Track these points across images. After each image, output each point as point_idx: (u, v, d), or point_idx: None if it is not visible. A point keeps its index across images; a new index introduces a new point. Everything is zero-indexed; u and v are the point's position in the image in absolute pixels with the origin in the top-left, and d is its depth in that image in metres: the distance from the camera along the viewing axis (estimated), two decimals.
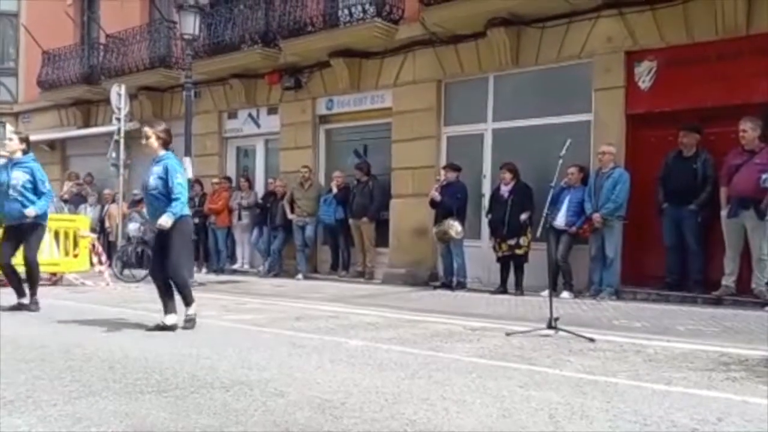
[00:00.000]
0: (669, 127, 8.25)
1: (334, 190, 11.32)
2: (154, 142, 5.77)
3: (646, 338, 5.26)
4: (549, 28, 9.35)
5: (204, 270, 12.53)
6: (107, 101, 13.37)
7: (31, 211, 6.71)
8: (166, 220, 5.47)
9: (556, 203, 8.11)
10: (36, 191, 6.85)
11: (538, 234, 6.08)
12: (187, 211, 5.72)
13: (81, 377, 3.67)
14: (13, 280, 6.97)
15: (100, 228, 13.63)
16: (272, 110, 13.03)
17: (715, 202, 7.75)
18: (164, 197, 5.59)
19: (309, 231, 11.53)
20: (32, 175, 6.88)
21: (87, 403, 3.14)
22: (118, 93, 12.44)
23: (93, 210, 14.12)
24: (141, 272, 11.09)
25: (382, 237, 11.07)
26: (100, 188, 15.00)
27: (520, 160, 9.15)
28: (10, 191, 6.75)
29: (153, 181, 5.64)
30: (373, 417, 2.97)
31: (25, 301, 6.89)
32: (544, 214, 5.87)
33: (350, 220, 11.09)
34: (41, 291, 8.78)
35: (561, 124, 9.13)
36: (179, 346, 4.73)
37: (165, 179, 5.58)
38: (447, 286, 9.49)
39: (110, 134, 12.40)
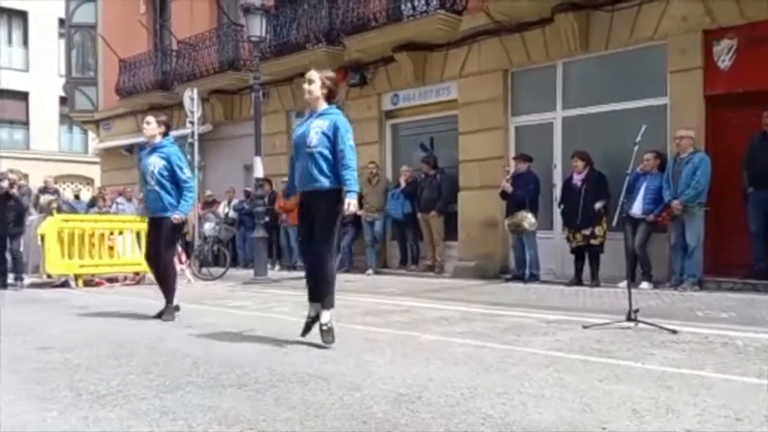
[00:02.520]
0: (752, 108, 7.84)
1: (402, 184, 11.33)
2: (316, 90, 4.67)
3: (733, 329, 5.03)
4: (620, 11, 9.04)
5: (276, 267, 12.79)
6: (180, 105, 13.84)
7: (177, 218, 6.13)
8: (353, 199, 4.46)
9: (632, 191, 7.87)
10: (175, 179, 6.20)
11: (614, 223, 5.88)
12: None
13: (167, 372, 3.82)
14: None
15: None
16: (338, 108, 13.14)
17: None
18: (332, 157, 4.52)
19: (378, 226, 11.59)
20: (168, 160, 6.19)
21: (173, 397, 3.26)
22: (190, 97, 12.85)
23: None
24: (218, 270, 11.47)
25: (451, 230, 11.01)
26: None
27: (592, 148, 8.91)
28: (148, 179, 6.20)
29: (316, 137, 4.54)
30: (449, 411, 2.96)
31: (175, 302, 6.35)
32: (620, 203, 5.67)
33: (418, 214, 11.08)
34: (126, 289, 9.19)
35: (634, 109, 8.84)
36: (258, 342, 4.85)
37: (331, 139, 4.55)
38: (519, 278, 9.35)
39: (185, 137, 12.80)
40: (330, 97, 4.69)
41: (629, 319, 5.17)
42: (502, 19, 10.08)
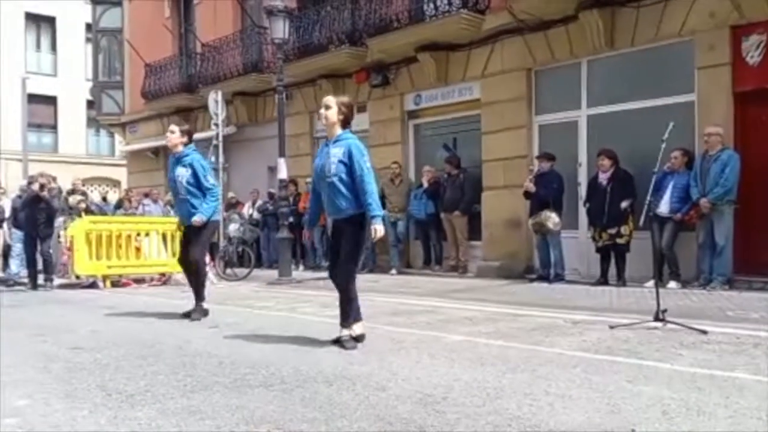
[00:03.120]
0: None
1: (425, 184, 11.31)
2: (333, 116, 4.73)
3: (765, 330, 4.94)
4: (645, 7, 8.93)
5: (301, 267, 12.85)
6: (205, 108, 13.97)
7: (197, 220, 6.25)
8: (378, 225, 4.57)
9: (659, 189, 7.76)
10: (201, 187, 6.35)
11: (641, 222, 5.80)
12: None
13: (193, 372, 3.86)
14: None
15: None
16: (361, 108, 13.14)
17: None
18: (351, 181, 4.60)
19: (401, 226, 11.59)
20: (192, 168, 6.34)
21: (200, 396, 3.29)
22: (215, 99, 12.97)
23: None
24: (243, 270, 11.56)
25: (474, 230, 10.97)
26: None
27: (618, 146, 8.81)
28: (179, 189, 6.36)
29: (334, 166, 4.62)
30: (475, 411, 2.95)
31: (204, 305, 6.42)
32: (647, 201, 5.60)
33: (442, 214, 11.06)
34: (152, 290, 9.30)
35: (661, 107, 8.73)
36: (283, 342, 4.87)
37: (348, 165, 4.62)
38: (544, 278, 9.27)
39: (209, 139, 12.92)
40: (346, 123, 4.79)
41: (657, 319, 5.10)
42: (525, 18, 10.00)
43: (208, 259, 11.15)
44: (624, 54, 9.33)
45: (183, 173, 6.34)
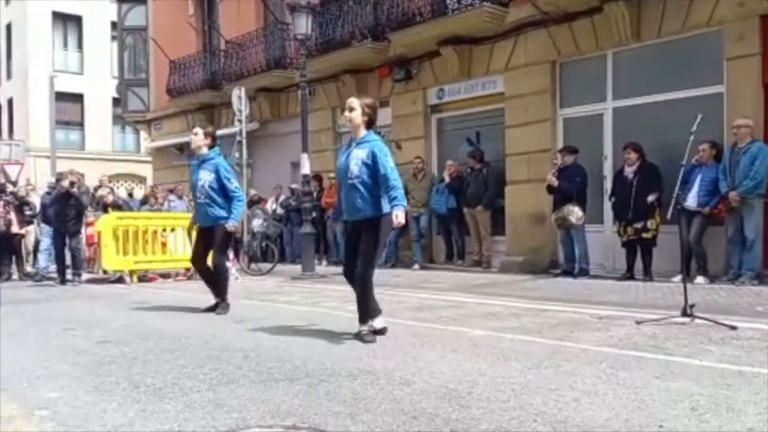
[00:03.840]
0: None
1: (447, 179, 11.28)
2: (357, 117, 4.77)
3: None
4: None
5: (324, 262, 12.90)
6: (229, 104, 14.06)
7: (231, 226, 6.31)
8: (400, 211, 4.57)
9: (686, 183, 7.64)
10: (224, 190, 6.36)
11: (668, 216, 5.71)
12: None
13: (220, 366, 3.89)
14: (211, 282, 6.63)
15: None
16: (384, 103, 13.11)
17: None
18: (372, 184, 4.64)
19: (423, 221, 11.56)
20: (217, 172, 6.34)
21: (227, 390, 3.32)
22: (238, 96, 13.04)
23: None
24: (267, 265, 11.64)
25: (497, 225, 10.91)
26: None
27: (644, 139, 8.69)
28: (198, 193, 6.39)
29: (356, 168, 4.67)
30: (500, 407, 2.93)
31: (226, 302, 6.48)
32: (675, 195, 5.51)
33: (465, 209, 11.01)
34: (178, 285, 9.42)
35: (689, 98, 8.58)
36: (307, 337, 4.90)
37: (371, 166, 4.65)
38: (568, 273, 9.20)
39: (233, 135, 13.01)
40: (370, 124, 4.83)
41: (685, 314, 5.02)
42: (549, 10, 9.90)
43: (231, 255, 11.32)
44: (650, 45, 9.19)
45: (206, 177, 6.35)
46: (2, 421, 2.90)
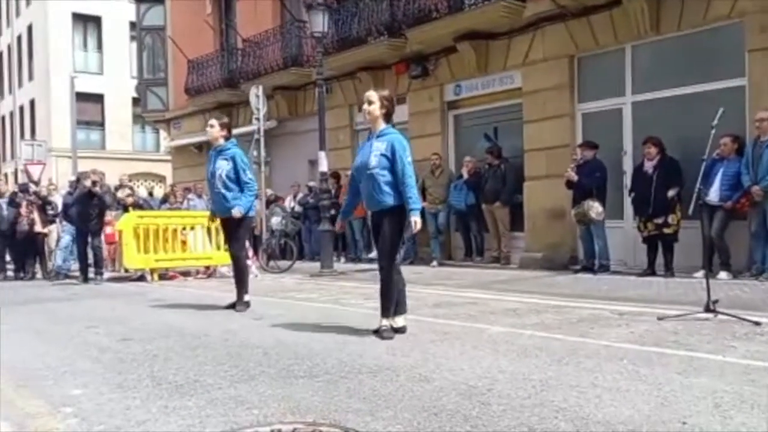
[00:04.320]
0: None
1: (465, 175, 11.24)
2: (376, 110, 4.84)
3: None
4: None
5: (342, 259, 12.93)
6: (246, 103, 14.13)
7: (236, 212, 6.33)
8: (417, 217, 4.65)
9: (708, 177, 7.53)
10: (239, 181, 6.41)
11: (690, 211, 5.64)
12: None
13: (240, 363, 3.92)
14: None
15: None
16: (400, 100, 13.09)
17: None
18: (392, 175, 4.67)
19: (441, 218, 11.54)
20: (234, 162, 6.39)
21: (247, 386, 3.34)
22: (256, 94, 13.10)
23: None
24: (285, 263, 11.69)
25: (516, 221, 10.86)
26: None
27: (664, 134, 8.58)
28: (216, 182, 6.41)
29: (375, 159, 4.72)
30: (521, 404, 2.92)
31: (246, 298, 6.50)
32: (696, 189, 5.44)
33: (483, 205, 10.97)
34: (198, 283, 9.50)
35: (709, 92, 8.47)
36: (327, 334, 4.92)
37: (390, 159, 4.69)
38: (588, 269, 9.12)
39: (251, 134, 13.07)
40: (388, 117, 4.89)
41: (707, 310, 4.97)
42: (567, 4, 9.81)
43: (250, 253, 11.38)
44: (670, 38, 9.07)
45: (223, 166, 6.40)
46: (28, 417, 2.94)
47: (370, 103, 4.83)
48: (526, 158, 10.73)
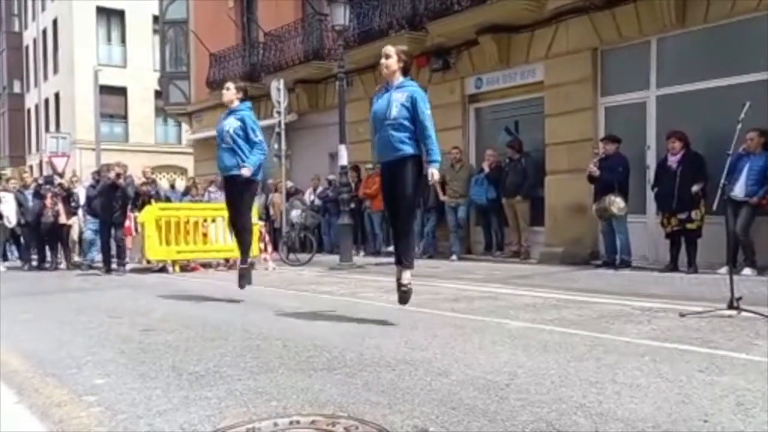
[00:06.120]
0: None
1: (486, 169, 11.18)
2: (393, 64, 4.89)
3: None
4: None
5: (361, 253, 12.95)
6: (267, 96, 14.18)
7: (245, 170, 6.14)
8: (435, 168, 4.78)
9: (733, 172, 7.41)
10: (248, 140, 6.30)
11: (714, 206, 5.56)
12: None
13: (259, 354, 3.95)
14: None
15: (266, 216, 14.53)
16: None
17: None
18: (412, 126, 4.75)
19: (461, 212, 11.50)
20: (243, 122, 6.31)
21: (267, 378, 3.37)
22: (277, 88, 13.15)
23: (258, 199, 15.06)
24: (305, 256, 11.74)
25: (536, 215, 10.79)
26: (263, 178, 15.96)
27: (688, 128, 8.47)
28: (225, 138, 6.32)
29: (396, 109, 4.76)
30: (539, 399, 2.91)
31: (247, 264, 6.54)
32: (722, 185, 5.36)
33: (503, 200, 10.92)
34: (219, 274, 9.58)
35: (736, 86, 8.33)
36: (345, 327, 4.93)
37: (410, 110, 4.75)
38: (610, 264, 9.04)
39: (272, 127, 13.12)
40: (406, 71, 4.95)
41: (731, 307, 4.90)
42: None
43: (270, 248, 11.46)
44: (696, 31, 8.93)
45: (232, 123, 6.31)
46: (53, 406, 3.00)
47: (387, 57, 4.88)
48: (547, 152, 10.65)
